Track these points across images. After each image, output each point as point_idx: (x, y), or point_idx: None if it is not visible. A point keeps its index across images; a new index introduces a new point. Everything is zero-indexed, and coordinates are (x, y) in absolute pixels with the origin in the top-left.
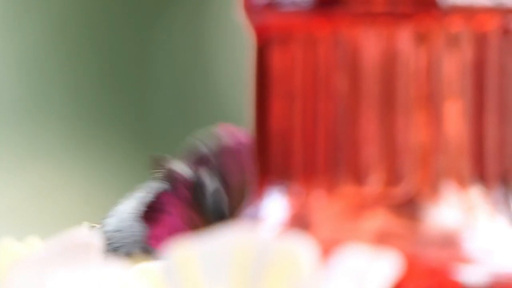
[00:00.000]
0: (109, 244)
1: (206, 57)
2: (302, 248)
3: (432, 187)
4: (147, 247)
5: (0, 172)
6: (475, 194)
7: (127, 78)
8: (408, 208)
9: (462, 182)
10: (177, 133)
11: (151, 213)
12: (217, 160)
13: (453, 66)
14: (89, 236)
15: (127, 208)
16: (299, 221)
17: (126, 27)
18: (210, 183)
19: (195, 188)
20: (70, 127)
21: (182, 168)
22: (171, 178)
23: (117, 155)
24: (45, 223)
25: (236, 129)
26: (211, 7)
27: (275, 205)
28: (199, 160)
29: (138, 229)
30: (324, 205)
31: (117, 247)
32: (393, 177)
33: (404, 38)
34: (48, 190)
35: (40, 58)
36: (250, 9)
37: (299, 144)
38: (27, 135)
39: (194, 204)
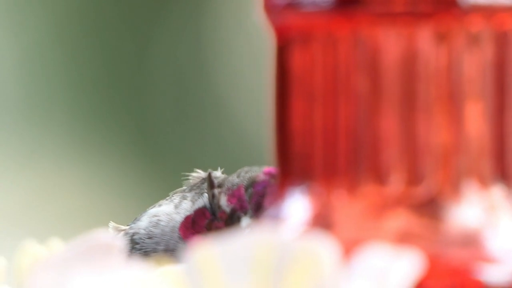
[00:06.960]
0: (138, 249)
1: (205, 57)
2: (324, 247)
3: (453, 187)
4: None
5: (0, 173)
6: (497, 193)
7: (127, 79)
8: (430, 207)
9: (484, 182)
10: (177, 133)
11: (191, 228)
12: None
13: (474, 65)
14: (110, 238)
15: (160, 215)
16: (321, 221)
17: (127, 27)
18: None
19: (231, 222)
20: (71, 128)
21: (223, 199)
22: (215, 203)
23: (118, 156)
24: (46, 224)
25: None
26: (210, 7)
27: (296, 205)
28: (238, 198)
29: (171, 237)
30: (345, 205)
31: (146, 253)
32: (414, 177)
33: (424, 37)
34: (49, 190)
35: (41, 58)
36: (271, 9)
37: (320, 144)
38: (28, 135)
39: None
